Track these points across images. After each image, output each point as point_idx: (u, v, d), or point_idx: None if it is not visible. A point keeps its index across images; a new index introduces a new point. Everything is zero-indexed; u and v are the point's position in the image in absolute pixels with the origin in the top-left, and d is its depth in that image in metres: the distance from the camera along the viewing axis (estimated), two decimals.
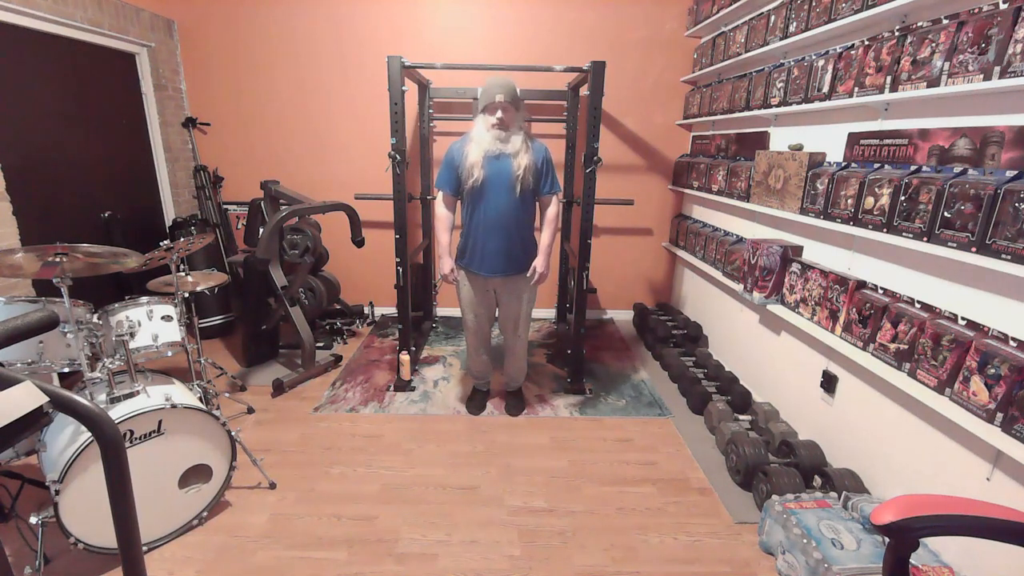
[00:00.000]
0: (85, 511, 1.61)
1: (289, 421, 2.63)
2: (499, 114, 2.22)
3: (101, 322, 1.96)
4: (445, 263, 2.44)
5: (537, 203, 2.46)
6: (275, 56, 3.68)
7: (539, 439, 2.53)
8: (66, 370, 1.85)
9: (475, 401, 2.79)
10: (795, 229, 2.49)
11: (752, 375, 2.86)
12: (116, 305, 2.03)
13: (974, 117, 1.61)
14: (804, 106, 2.30)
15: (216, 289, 2.93)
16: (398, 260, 2.81)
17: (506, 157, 2.28)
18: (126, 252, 1.85)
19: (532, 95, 3.57)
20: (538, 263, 2.41)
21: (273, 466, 2.25)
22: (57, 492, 1.55)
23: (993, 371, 1.42)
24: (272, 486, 2.13)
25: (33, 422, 0.78)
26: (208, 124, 3.84)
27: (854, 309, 1.96)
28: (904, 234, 1.72)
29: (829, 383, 2.21)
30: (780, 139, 2.66)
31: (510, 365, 2.74)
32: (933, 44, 1.64)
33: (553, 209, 2.43)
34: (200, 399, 2.03)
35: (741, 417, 2.57)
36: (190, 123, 3.78)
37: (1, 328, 0.94)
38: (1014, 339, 1.41)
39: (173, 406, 1.74)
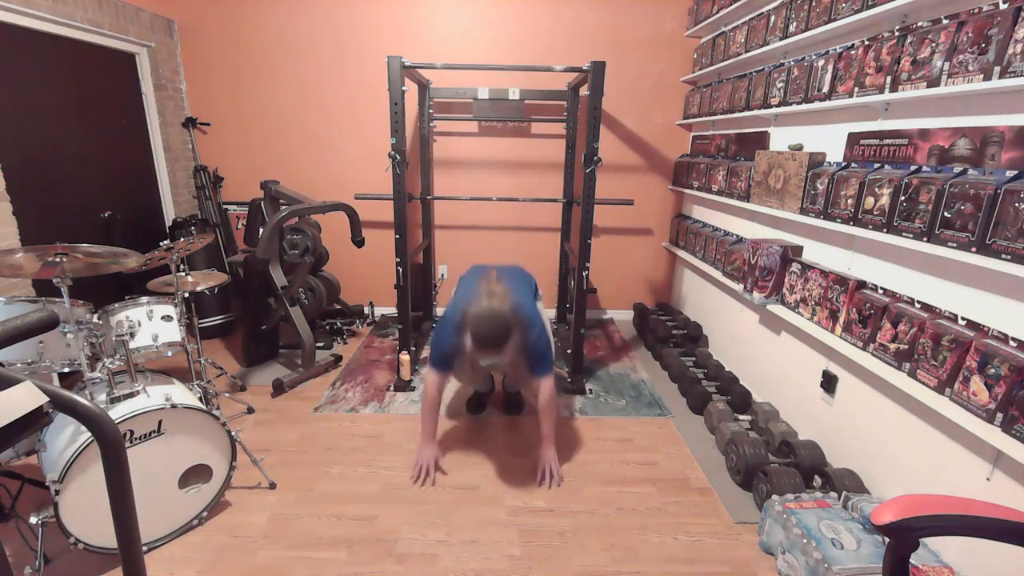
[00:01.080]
0: (85, 511, 1.61)
1: (289, 421, 2.63)
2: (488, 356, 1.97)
3: (101, 322, 1.96)
4: (426, 452, 2.21)
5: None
6: (275, 56, 3.69)
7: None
8: (66, 370, 1.85)
9: (475, 401, 2.78)
10: (795, 229, 2.49)
11: (752, 375, 2.86)
12: (116, 305, 2.03)
13: (974, 117, 1.61)
14: (804, 106, 2.30)
15: (216, 289, 2.93)
16: (398, 260, 2.81)
17: (500, 367, 2.13)
18: (126, 252, 1.85)
19: (532, 95, 3.57)
20: (546, 457, 2.19)
21: (273, 466, 2.25)
22: (57, 492, 1.55)
23: (993, 371, 1.42)
24: (272, 486, 2.13)
25: (33, 422, 0.78)
26: (208, 124, 3.84)
27: (854, 309, 1.96)
28: (904, 234, 1.71)
29: (829, 383, 2.21)
30: (780, 139, 2.66)
31: (516, 382, 2.70)
32: (933, 44, 1.64)
33: (546, 392, 2.17)
34: (200, 399, 2.03)
35: (741, 417, 2.57)
36: (190, 123, 3.78)
37: (1, 328, 0.94)
38: (1014, 339, 1.41)
39: (173, 406, 1.74)
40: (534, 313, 2.21)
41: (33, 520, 1.61)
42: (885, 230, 1.79)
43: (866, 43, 1.95)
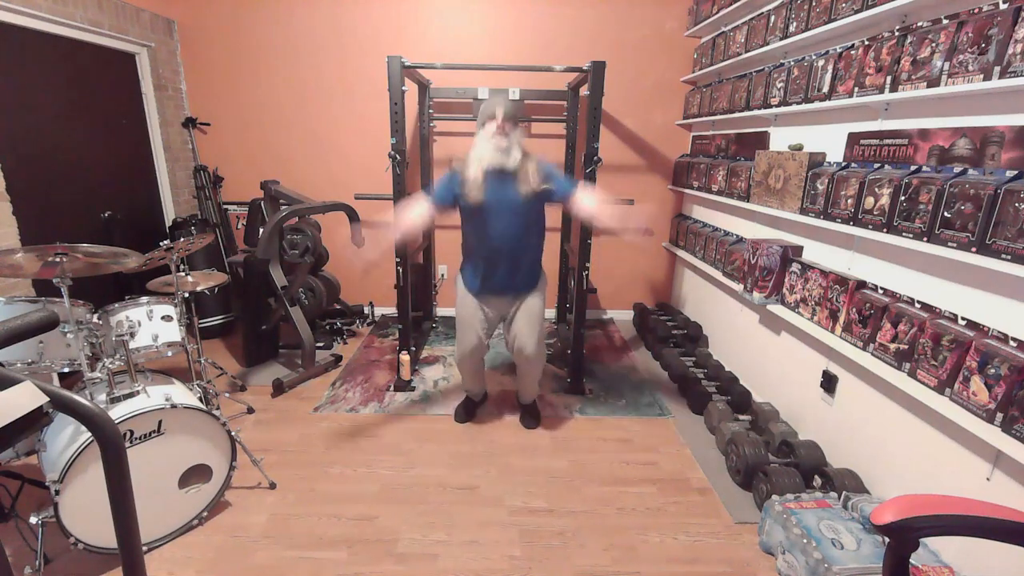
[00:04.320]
0: (85, 511, 1.61)
1: (289, 421, 2.63)
2: (499, 120, 2.10)
3: (101, 322, 1.96)
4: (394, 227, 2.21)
5: (569, 206, 2.24)
6: (275, 56, 3.69)
7: (539, 439, 2.53)
8: (66, 370, 1.85)
9: (464, 409, 2.70)
10: (795, 229, 2.49)
11: (752, 375, 2.86)
12: (116, 305, 2.03)
13: (974, 117, 1.61)
14: (804, 106, 2.30)
15: (216, 289, 2.93)
16: (398, 260, 2.81)
17: (509, 178, 2.15)
18: (126, 252, 1.85)
19: (532, 95, 3.57)
20: (625, 214, 2.13)
21: (273, 466, 2.25)
22: (57, 492, 1.55)
23: (993, 371, 1.42)
24: (272, 486, 2.13)
25: (33, 422, 0.78)
26: (208, 124, 3.84)
27: (854, 309, 1.96)
28: (904, 234, 1.71)
29: (829, 383, 2.21)
30: (780, 139, 2.66)
31: (526, 385, 2.59)
32: (933, 44, 1.64)
33: (586, 192, 2.20)
34: (200, 399, 2.03)
35: (741, 417, 2.57)
36: (190, 123, 3.78)
37: (1, 328, 0.94)
38: (1014, 339, 1.41)
39: (173, 406, 1.74)
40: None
41: (33, 520, 1.61)
42: (885, 230, 1.79)
43: (866, 43, 1.95)
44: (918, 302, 1.74)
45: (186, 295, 2.29)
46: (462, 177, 2.18)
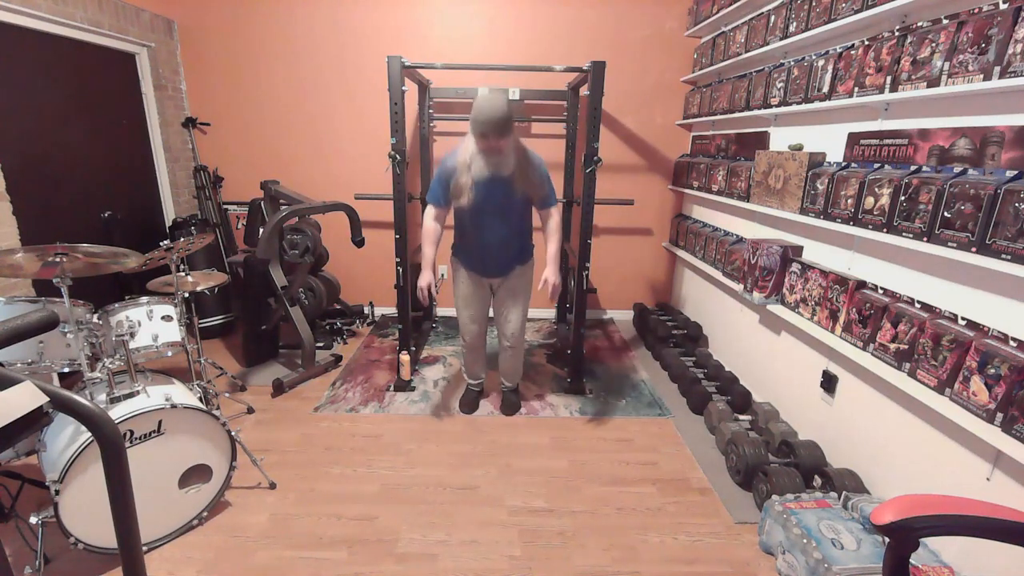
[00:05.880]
0: (85, 511, 1.61)
1: (289, 421, 2.63)
2: (490, 142, 2.09)
3: (101, 322, 1.96)
4: (425, 276, 2.36)
5: (537, 213, 2.38)
6: (275, 56, 3.69)
7: (539, 439, 2.53)
8: (66, 370, 1.85)
9: (468, 400, 2.78)
10: (795, 229, 2.49)
11: (752, 375, 2.86)
12: (116, 305, 2.03)
13: (974, 117, 1.61)
14: (804, 106, 2.30)
15: (216, 289, 2.93)
16: (398, 260, 2.81)
17: (500, 179, 2.19)
18: (126, 252, 1.85)
19: (532, 95, 3.57)
20: (548, 274, 2.31)
21: (273, 466, 2.25)
22: (57, 492, 1.55)
23: (993, 371, 1.42)
24: (272, 486, 2.13)
25: (33, 422, 0.78)
26: (208, 124, 3.84)
27: (854, 309, 1.96)
28: (904, 234, 1.71)
29: (829, 383, 2.21)
30: (780, 139, 2.66)
31: (506, 362, 2.69)
32: (933, 44, 1.64)
33: (555, 219, 2.35)
34: (200, 399, 2.03)
35: (741, 417, 2.57)
36: (190, 123, 3.78)
37: (1, 328, 0.94)
38: (1014, 339, 1.41)
39: (173, 406, 1.74)
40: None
41: (33, 520, 1.61)
42: (885, 230, 1.79)
43: (866, 43, 1.95)
44: (918, 302, 1.74)
45: (186, 295, 2.28)
46: (453, 179, 2.24)
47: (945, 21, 1.62)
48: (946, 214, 1.56)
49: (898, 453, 1.86)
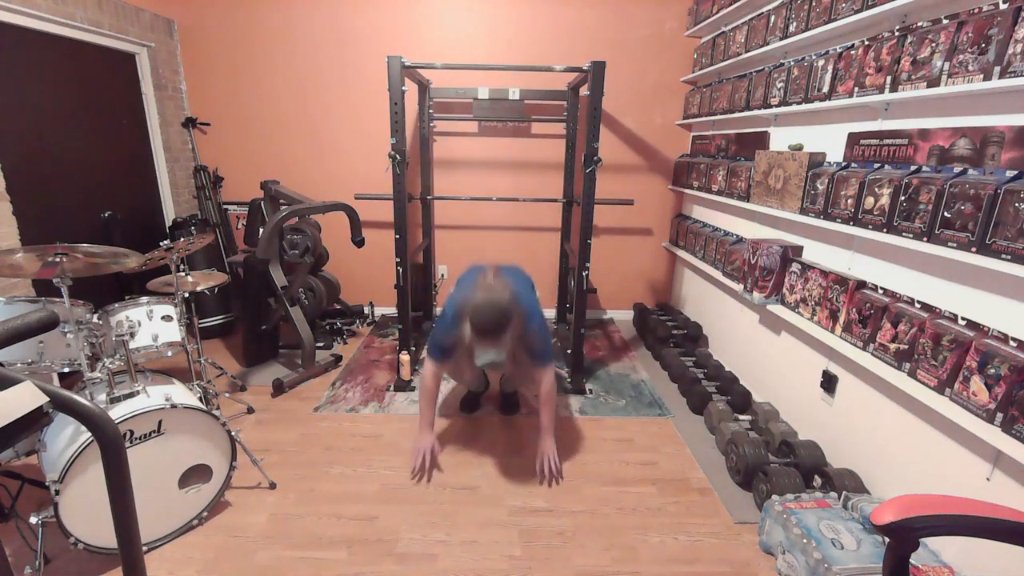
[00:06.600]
0: (85, 511, 1.61)
1: (289, 421, 2.63)
2: (494, 359, 1.98)
3: (101, 322, 1.96)
4: (424, 440, 2.23)
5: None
6: (275, 56, 3.68)
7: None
8: (66, 370, 1.85)
9: (469, 401, 2.77)
10: (795, 229, 2.49)
11: (752, 375, 2.86)
12: (116, 305, 2.03)
13: (974, 117, 1.61)
14: (804, 106, 2.30)
15: (216, 289, 2.93)
16: (398, 260, 2.81)
17: (500, 358, 2.01)
18: (126, 252, 1.85)
19: (532, 95, 3.57)
20: (545, 449, 2.20)
21: (273, 466, 2.25)
22: (57, 492, 1.55)
23: (993, 371, 1.42)
24: (272, 486, 2.13)
25: (33, 422, 0.78)
26: (208, 124, 3.84)
27: (854, 309, 1.96)
28: (904, 234, 1.71)
29: (829, 383, 2.21)
30: (780, 139, 2.66)
31: (509, 378, 2.61)
32: (933, 44, 1.64)
33: (546, 384, 2.20)
34: (200, 399, 2.03)
35: (741, 417, 2.57)
36: (190, 123, 3.78)
37: (1, 328, 0.94)
38: (1014, 339, 1.41)
39: (173, 406, 1.74)
40: (533, 304, 2.21)
41: (33, 520, 1.61)
42: (885, 230, 1.79)
43: (866, 43, 1.95)
44: (918, 302, 1.74)
45: (186, 295, 2.28)
46: (455, 348, 2.17)
47: (945, 21, 1.62)
48: (946, 214, 1.56)
49: (898, 453, 1.86)
